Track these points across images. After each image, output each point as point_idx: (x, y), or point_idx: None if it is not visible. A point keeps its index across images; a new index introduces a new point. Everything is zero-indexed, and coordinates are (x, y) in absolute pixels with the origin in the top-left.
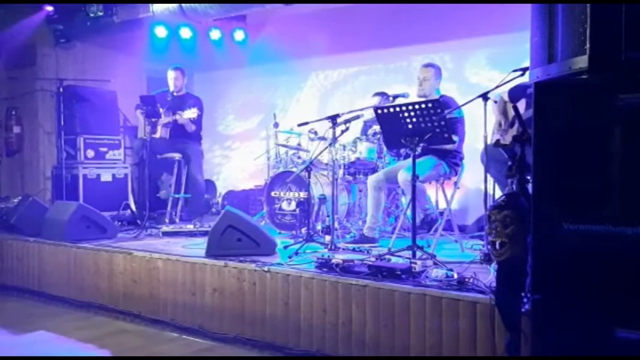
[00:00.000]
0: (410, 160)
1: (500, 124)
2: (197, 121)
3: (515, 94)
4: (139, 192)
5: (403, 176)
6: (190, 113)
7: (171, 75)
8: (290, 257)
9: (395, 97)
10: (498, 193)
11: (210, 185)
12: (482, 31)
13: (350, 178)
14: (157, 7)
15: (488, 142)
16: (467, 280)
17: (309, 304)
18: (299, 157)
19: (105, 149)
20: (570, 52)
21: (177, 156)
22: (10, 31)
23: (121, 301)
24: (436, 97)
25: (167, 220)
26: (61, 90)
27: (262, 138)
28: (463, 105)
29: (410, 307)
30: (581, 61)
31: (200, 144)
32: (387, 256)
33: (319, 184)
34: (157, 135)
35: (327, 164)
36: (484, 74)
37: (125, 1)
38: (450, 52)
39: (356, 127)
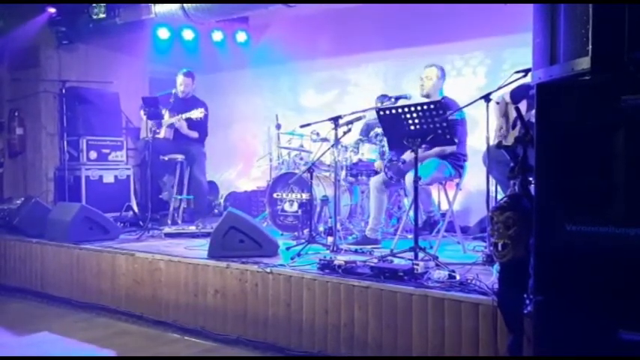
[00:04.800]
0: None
1: (501, 127)
2: (202, 124)
3: (518, 94)
4: (142, 193)
5: (411, 178)
6: (198, 113)
7: (180, 80)
8: (292, 258)
9: (397, 98)
10: (501, 195)
11: (213, 186)
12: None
13: (352, 179)
14: (160, 9)
15: (491, 143)
16: (469, 281)
17: (312, 305)
18: (301, 159)
19: (107, 151)
20: (573, 53)
21: (179, 157)
22: (14, 33)
23: (124, 302)
24: (439, 98)
25: (169, 222)
26: (64, 91)
27: (264, 140)
28: (464, 107)
29: (412, 308)
30: (584, 62)
31: (203, 145)
32: (390, 258)
33: (321, 185)
34: (161, 135)
35: (329, 165)
36: None
37: (128, 2)
38: (459, 53)
39: (357, 128)
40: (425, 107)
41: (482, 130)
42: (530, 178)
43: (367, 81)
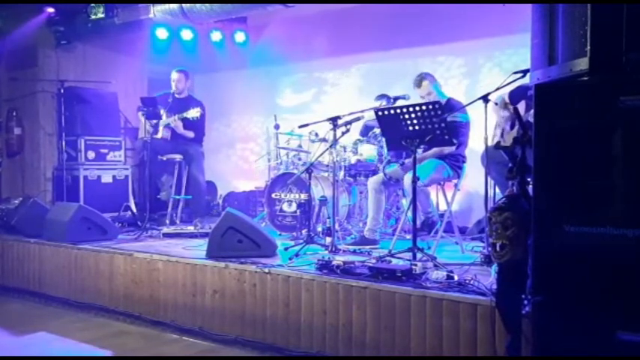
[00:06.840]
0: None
1: (499, 126)
2: (199, 124)
3: (516, 95)
4: (140, 193)
5: (409, 179)
6: (194, 112)
7: (174, 77)
8: (290, 259)
9: (395, 99)
10: (499, 195)
11: (211, 186)
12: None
13: (350, 179)
14: (158, 9)
15: (489, 143)
16: (467, 281)
17: (310, 305)
18: (300, 159)
19: (106, 150)
20: (571, 54)
21: (178, 157)
22: (12, 32)
23: (122, 303)
24: (443, 100)
25: (168, 222)
26: (62, 91)
27: (263, 140)
28: (464, 107)
29: (410, 308)
30: (582, 63)
31: (201, 145)
32: (388, 258)
33: (320, 185)
34: (159, 135)
35: (327, 166)
36: None
37: (126, 2)
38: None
39: (356, 129)
40: (423, 108)
41: (480, 131)
42: (529, 179)
43: (364, 81)
